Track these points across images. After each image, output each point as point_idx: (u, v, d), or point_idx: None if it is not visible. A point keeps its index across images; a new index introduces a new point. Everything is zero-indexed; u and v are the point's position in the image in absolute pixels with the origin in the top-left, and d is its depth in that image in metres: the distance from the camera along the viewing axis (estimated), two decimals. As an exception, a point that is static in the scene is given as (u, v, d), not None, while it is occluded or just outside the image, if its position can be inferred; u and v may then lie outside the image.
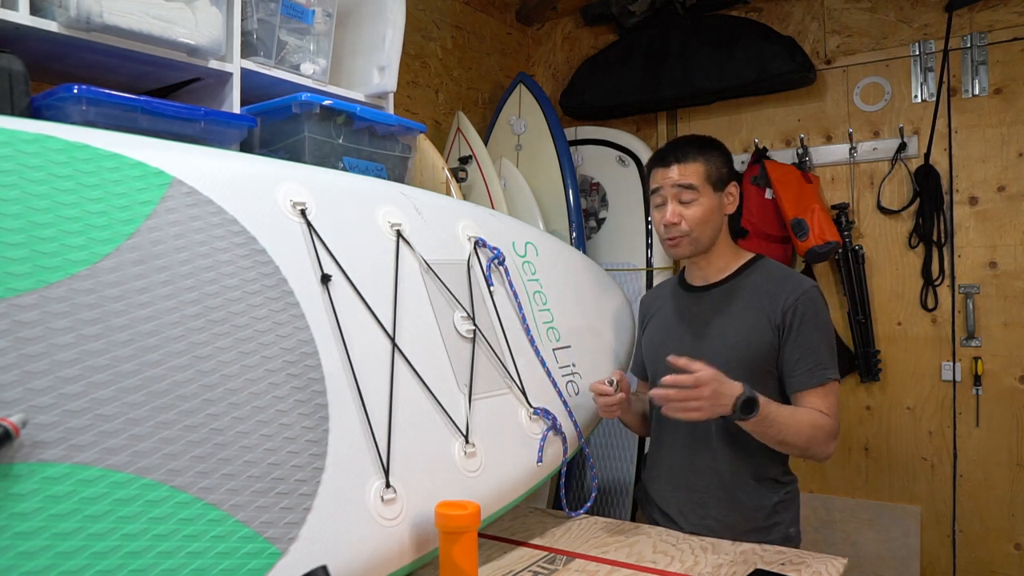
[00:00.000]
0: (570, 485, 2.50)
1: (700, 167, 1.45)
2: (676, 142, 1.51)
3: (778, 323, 1.40)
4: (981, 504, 2.34)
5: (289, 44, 1.57)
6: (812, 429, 1.33)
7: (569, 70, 3.07)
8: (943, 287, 2.40)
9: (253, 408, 0.91)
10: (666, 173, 1.46)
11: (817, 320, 1.40)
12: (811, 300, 1.41)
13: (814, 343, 1.39)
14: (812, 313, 1.40)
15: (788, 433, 1.32)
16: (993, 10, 2.32)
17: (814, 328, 1.39)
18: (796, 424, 1.32)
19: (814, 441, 1.34)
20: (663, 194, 1.47)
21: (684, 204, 1.45)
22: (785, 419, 1.31)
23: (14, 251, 0.79)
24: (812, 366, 1.38)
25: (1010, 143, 2.31)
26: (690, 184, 1.43)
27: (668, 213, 1.45)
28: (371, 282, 1.16)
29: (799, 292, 1.41)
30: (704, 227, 1.45)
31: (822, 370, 1.38)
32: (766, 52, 2.53)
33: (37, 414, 0.74)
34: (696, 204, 1.44)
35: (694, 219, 1.44)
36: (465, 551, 0.99)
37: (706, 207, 1.45)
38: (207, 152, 1.08)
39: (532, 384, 1.36)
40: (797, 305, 1.40)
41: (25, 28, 1.15)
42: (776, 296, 1.42)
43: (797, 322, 1.39)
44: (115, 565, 0.74)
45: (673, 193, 1.45)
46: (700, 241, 1.46)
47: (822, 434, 1.34)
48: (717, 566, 1.21)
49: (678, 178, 1.44)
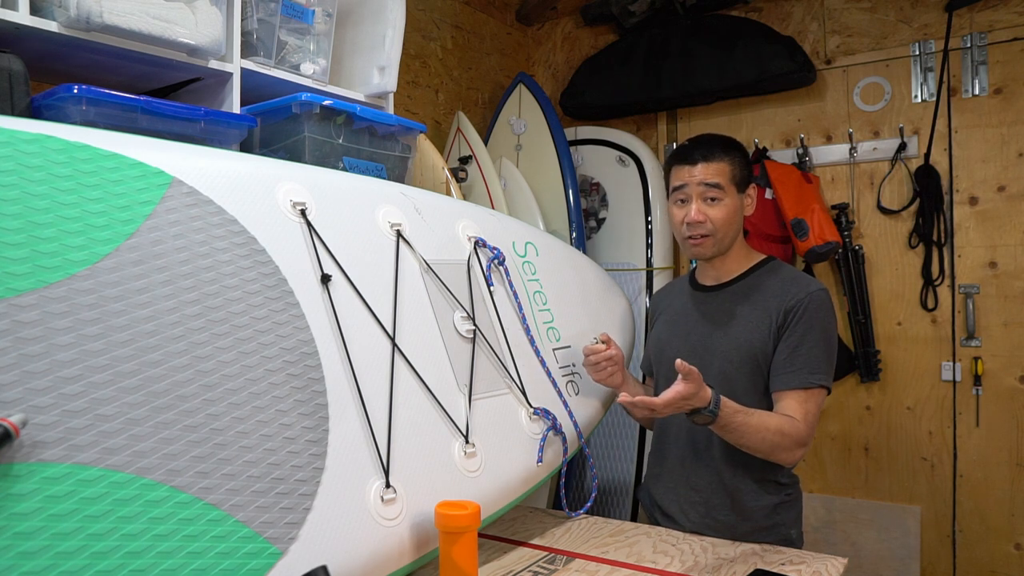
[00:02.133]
0: (570, 485, 2.50)
1: (726, 167, 1.43)
2: (700, 140, 1.48)
3: (779, 323, 1.39)
4: (981, 504, 2.34)
5: (289, 44, 1.57)
6: (778, 436, 1.30)
7: (569, 70, 3.07)
8: (943, 287, 2.40)
9: (253, 408, 0.91)
10: (691, 171, 1.44)
11: (816, 322, 1.38)
12: (815, 302, 1.39)
13: (807, 344, 1.36)
14: (813, 315, 1.38)
15: (750, 441, 1.30)
16: (993, 10, 2.32)
17: (810, 330, 1.37)
18: (761, 432, 1.29)
19: (778, 448, 1.31)
20: (687, 192, 1.44)
21: (709, 203, 1.43)
22: (751, 427, 1.28)
23: (14, 251, 0.79)
24: (799, 368, 1.36)
25: (1010, 143, 2.31)
26: (717, 183, 1.41)
27: (692, 211, 1.43)
28: (371, 282, 1.16)
29: (804, 293, 1.39)
30: (728, 228, 1.44)
31: (808, 374, 1.35)
32: (766, 52, 2.53)
33: (37, 414, 0.74)
34: (721, 204, 1.42)
35: (719, 219, 1.42)
36: (465, 551, 0.99)
37: (730, 207, 1.43)
38: (207, 152, 1.08)
39: (532, 384, 1.36)
40: (799, 306, 1.38)
41: (25, 28, 1.15)
42: (782, 297, 1.41)
43: (795, 322, 1.38)
44: (115, 565, 0.74)
45: (699, 192, 1.43)
46: (723, 242, 1.45)
47: (788, 442, 1.31)
48: (717, 566, 1.21)
49: (705, 176, 1.42)
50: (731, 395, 1.33)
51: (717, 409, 1.23)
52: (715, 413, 1.23)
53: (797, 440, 1.32)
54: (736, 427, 1.28)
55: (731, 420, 1.27)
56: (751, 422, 1.29)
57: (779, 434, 1.30)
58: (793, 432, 1.32)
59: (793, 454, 1.34)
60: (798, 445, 1.33)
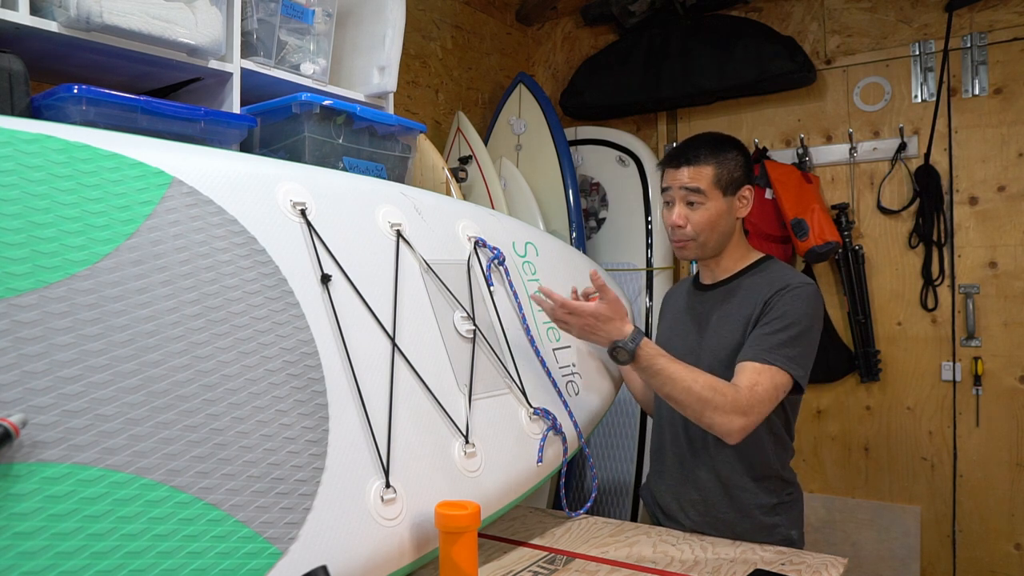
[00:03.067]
0: (570, 485, 2.50)
1: (710, 170, 1.42)
2: (690, 142, 1.48)
3: (758, 315, 1.37)
4: (981, 504, 2.34)
5: (289, 44, 1.57)
6: (708, 392, 1.24)
7: (569, 70, 3.07)
8: (943, 287, 2.40)
9: (253, 408, 0.91)
10: (676, 174, 1.44)
11: (791, 309, 1.34)
12: (795, 292, 1.36)
13: (774, 326, 1.33)
14: (789, 303, 1.35)
15: (675, 389, 1.25)
16: (993, 10, 2.32)
17: (782, 315, 1.34)
18: (687, 381, 1.25)
19: (709, 406, 1.24)
20: (671, 195, 1.46)
21: (691, 207, 1.43)
22: (675, 375, 1.24)
23: (14, 251, 0.79)
24: (759, 345, 1.32)
25: (1010, 143, 2.31)
26: (697, 188, 1.41)
27: (675, 215, 1.44)
28: (371, 282, 1.16)
29: (784, 284, 1.38)
30: (710, 232, 1.43)
31: (766, 351, 1.30)
32: (766, 52, 2.53)
33: (37, 414, 0.74)
34: (703, 208, 1.42)
35: (699, 223, 1.42)
36: (465, 551, 0.99)
37: (713, 212, 1.42)
38: (207, 152, 1.08)
39: (532, 384, 1.36)
40: (776, 295, 1.37)
41: (25, 28, 1.15)
42: (765, 290, 1.40)
43: (770, 309, 1.36)
44: (115, 565, 0.74)
45: (681, 195, 1.43)
46: (706, 245, 1.45)
47: (721, 402, 1.24)
48: (717, 566, 1.21)
49: (686, 180, 1.42)
50: None
51: (634, 346, 1.23)
52: (632, 350, 1.23)
53: (734, 404, 1.24)
54: (658, 370, 1.25)
55: (653, 362, 1.25)
56: (677, 370, 1.25)
57: (710, 389, 1.24)
58: (729, 394, 1.25)
59: (729, 419, 1.25)
60: (735, 411, 1.24)
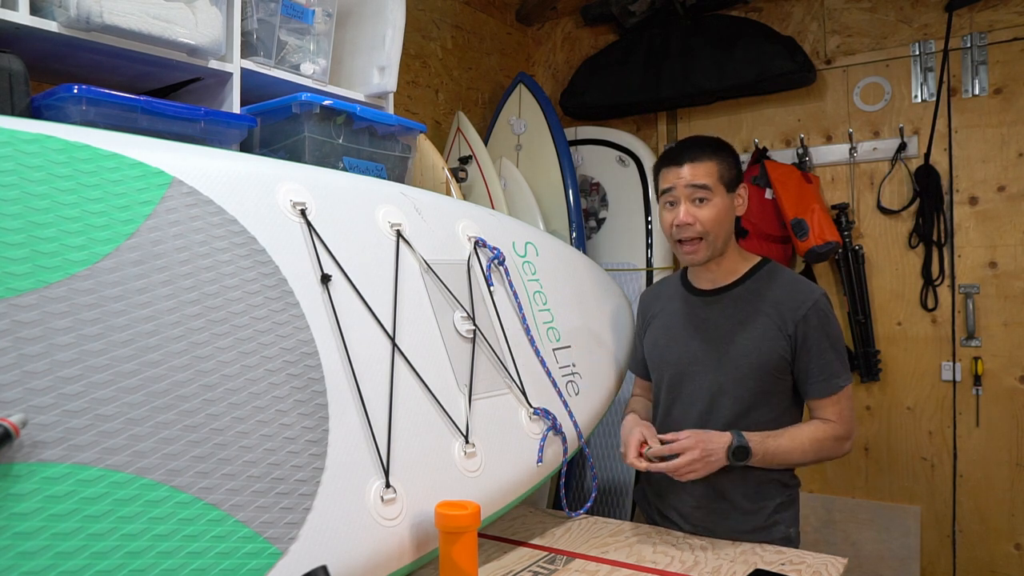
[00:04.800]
0: (570, 485, 2.50)
1: (713, 167, 1.43)
2: (686, 142, 1.49)
3: (790, 333, 1.40)
4: (981, 504, 2.34)
5: (289, 44, 1.57)
6: (816, 444, 1.38)
7: (569, 70, 3.07)
8: (943, 287, 2.40)
9: (253, 408, 0.91)
10: (679, 173, 1.43)
11: (827, 330, 1.41)
12: (821, 310, 1.41)
13: (825, 354, 1.40)
14: (823, 323, 1.40)
15: (794, 457, 1.38)
16: (993, 10, 2.32)
17: (824, 338, 1.40)
18: (799, 446, 1.38)
19: (823, 452, 1.40)
20: (675, 194, 1.44)
21: (697, 205, 1.42)
22: (786, 448, 1.37)
23: (14, 251, 0.79)
24: (825, 377, 1.40)
25: (1010, 143, 2.31)
26: (704, 184, 1.41)
27: (681, 213, 1.42)
28: (371, 282, 1.16)
29: (810, 303, 1.40)
30: (718, 228, 1.43)
31: (834, 379, 1.40)
32: (766, 52, 2.53)
33: (37, 414, 0.74)
34: (710, 205, 1.42)
35: (708, 220, 1.41)
36: (465, 551, 0.99)
37: (720, 208, 1.42)
38: (207, 152, 1.08)
39: (532, 384, 1.36)
40: (808, 316, 1.39)
41: (25, 28, 1.15)
42: (788, 305, 1.41)
43: (810, 332, 1.39)
44: (115, 565, 0.74)
45: (686, 193, 1.42)
46: (716, 244, 1.44)
47: (829, 442, 1.39)
48: (717, 566, 1.21)
49: (692, 178, 1.42)
50: (720, 403, 1.41)
51: (746, 440, 1.33)
52: (747, 446, 1.33)
53: (837, 436, 1.40)
54: (774, 453, 1.36)
55: (765, 448, 1.35)
56: (781, 444, 1.37)
57: (814, 441, 1.39)
58: (829, 431, 1.40)
59: (841, 447, 1.41)
60: (840, 439, 1.41)
